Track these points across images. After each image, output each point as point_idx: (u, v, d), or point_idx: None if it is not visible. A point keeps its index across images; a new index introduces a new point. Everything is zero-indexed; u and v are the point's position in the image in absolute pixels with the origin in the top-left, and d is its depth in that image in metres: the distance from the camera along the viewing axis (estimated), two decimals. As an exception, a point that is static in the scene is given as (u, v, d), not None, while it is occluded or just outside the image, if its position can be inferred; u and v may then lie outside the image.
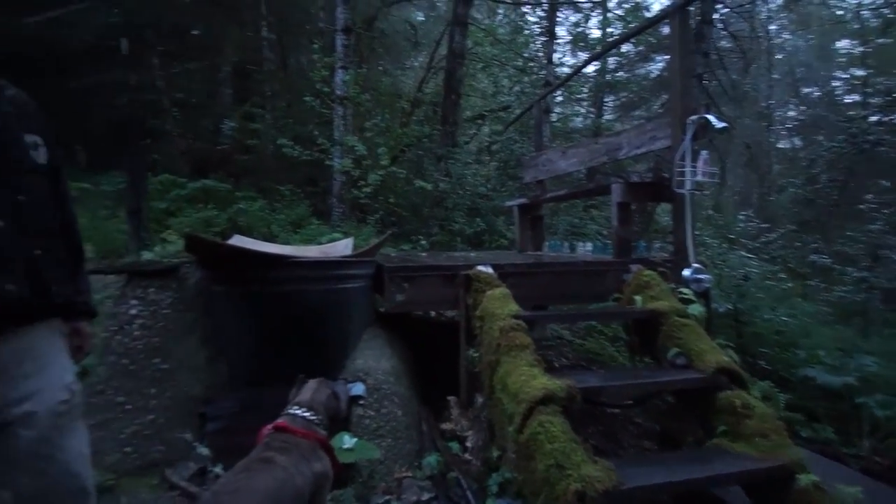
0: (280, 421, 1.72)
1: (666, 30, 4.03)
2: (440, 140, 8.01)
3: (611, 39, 10.65)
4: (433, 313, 3.91)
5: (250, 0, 9.24)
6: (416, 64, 12.93)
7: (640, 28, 5.22)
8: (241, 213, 5.58)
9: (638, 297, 2.64)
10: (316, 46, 7.16)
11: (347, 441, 2.18)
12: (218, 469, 2.22)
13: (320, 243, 4.81)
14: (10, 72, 1.31)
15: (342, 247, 3.82)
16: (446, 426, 2.55)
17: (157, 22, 8.37)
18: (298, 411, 1.74)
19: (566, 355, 3.82)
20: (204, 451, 2.29)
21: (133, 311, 2.46)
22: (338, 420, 1.97)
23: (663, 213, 6.67)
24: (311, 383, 1.88)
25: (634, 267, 2.86)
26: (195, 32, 9.28)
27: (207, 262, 2.66)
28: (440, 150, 7.60)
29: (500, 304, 2.44)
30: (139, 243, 4.10)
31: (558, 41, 12.09)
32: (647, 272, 2.76)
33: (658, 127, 3.22)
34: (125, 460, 2.24)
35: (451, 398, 2.67)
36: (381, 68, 10.20)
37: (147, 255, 3.59)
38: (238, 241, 3.45)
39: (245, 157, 7.58)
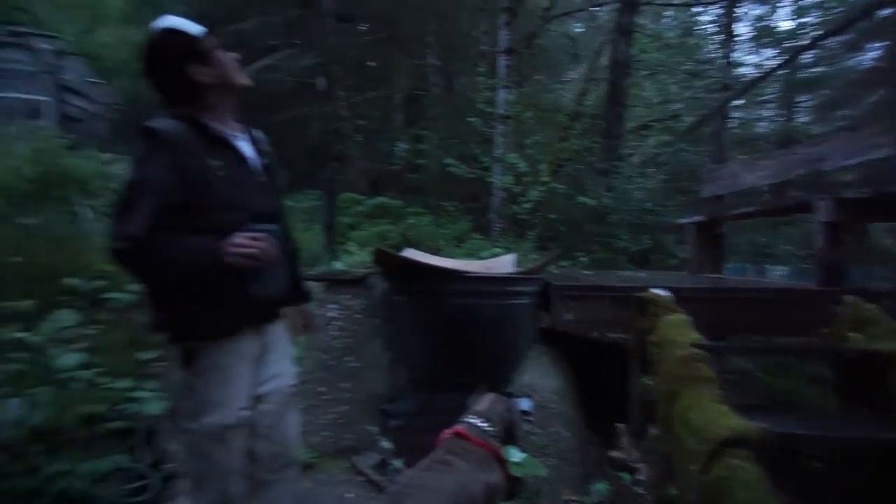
0: (458, 427, 1.83)
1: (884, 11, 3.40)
2: (601, 153, 7.77)
3: (808, 31, 9.26)
4: (595, 333, 3.78)
5: (419, 31, 10.08)
6: (574, 76, 12.73)
7: (854, 18, 4.47)
8: (411, 227, 6.07)
9: (856, 335, 2.25)
10: (481, 70, 7.51)
11: (516, 455, 2.23)
12: (398, 463, 2.44)
13: (482, 257, 5.01)
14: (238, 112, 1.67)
15: (505, 262, 3.92)
16: (615, 454, 2.45)
17: (343, 60, 9.62)
18: (476, 421, 1.83)
19: (752, 393, 3.39)
20: (386, 444, 2.53)
21: (332, 314, 2.85)
22: (512, 434, 2.03)
23: (883, 233, 5.55)
24: (489, 395, 1.97)
25: (850, 298, 2.45)
26: (371, 64, 10.43)
27: (390, 274, 2.95)
28: (602, 163, 7.36)
29: (679, 332, 2.29)
30: (331, 254, 4.72)
31: (737, 38, 10.86)
32: (869, 306, 2.34)
33: (879, 132, 2.73)
34: (323, 443, 2.59)
35: (621, 426, 2.56)
36: (540, 84, 10.25)
37: (337, 265, 4.12)
38: (410, 253, 3.77)
39: (413, 176, 8.23)
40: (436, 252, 5.38)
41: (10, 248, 3.47)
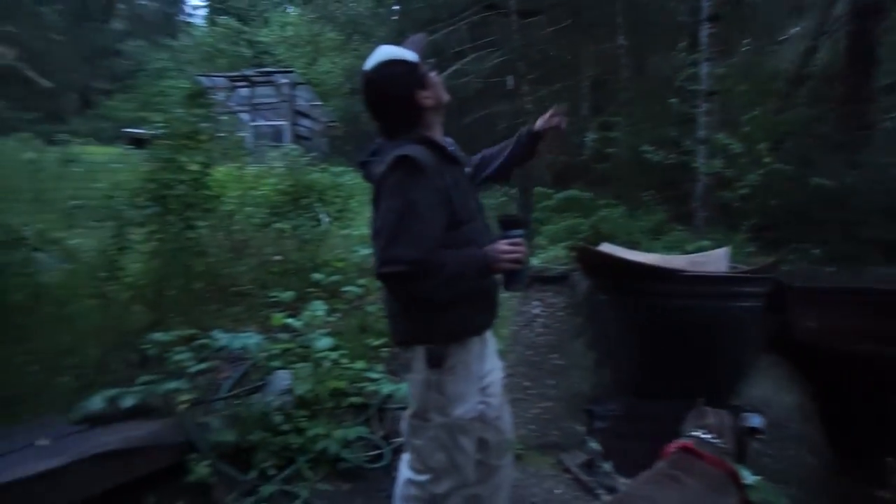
0: (686, 441, 1.69)
1: None
2: (839, 122, 6.39)
3: None
4: (848, 345, 3.16)
5: (606, 12, 9.56)
6: (795, 31, 10.70)
7: None
8: (603, 220, 5.83)
9: None
10: (681, 46, 6.84)
11: (748, 477, 2.00)
12: (607, 466, 2.39)
13: (686, 252, 4.55)
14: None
15: (717, 257, 3.50)
16: (884, 494, 2.02)
17: (528, 55, 9.68)
18: (707, 436, 1.68)
19: None
20: (594, 445, 2.50)
21: (535, 311, 2.92)
22: (743, 453, 1.82)
23: None
24: (711, 409, 1.79)
25: None
26: (552, 54, 10.27)
27: (592, 271, 2.90)
28: (841, 135, 6.05)
29: None
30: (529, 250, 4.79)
31: None
32: None
33: None
34: (529, 437, 2.67)
35: (890, 459, 2.10)
36: (752, 49, 8.86)
37: (534, 261, 4.17)
38: (607, 248, 3.62)
39: (603, 166, 7.89)
40: (634, 246, 5.07)
41: (272, 249, 4.34)
